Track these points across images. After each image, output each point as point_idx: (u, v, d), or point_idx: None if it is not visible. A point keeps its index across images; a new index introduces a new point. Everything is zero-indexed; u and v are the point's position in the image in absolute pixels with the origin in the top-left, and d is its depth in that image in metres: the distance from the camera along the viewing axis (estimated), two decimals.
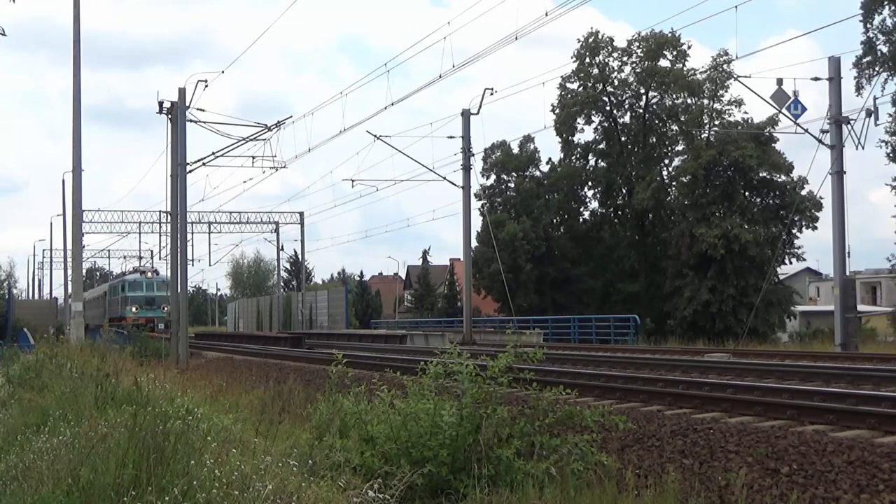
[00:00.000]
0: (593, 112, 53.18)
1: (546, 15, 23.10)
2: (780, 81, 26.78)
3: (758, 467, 7.79)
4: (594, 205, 56.77)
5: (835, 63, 26.90)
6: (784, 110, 27.79)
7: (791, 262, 48.78)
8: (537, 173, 56.18)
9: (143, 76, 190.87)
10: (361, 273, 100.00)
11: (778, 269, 46.85)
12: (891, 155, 38.01)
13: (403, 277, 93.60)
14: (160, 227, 54.61)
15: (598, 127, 54.19)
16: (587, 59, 52.15)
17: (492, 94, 32.54)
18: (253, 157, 31.84)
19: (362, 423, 8.25)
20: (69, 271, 29.62)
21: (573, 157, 55.14)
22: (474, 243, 47.57)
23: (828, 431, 8.58)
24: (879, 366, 15.81)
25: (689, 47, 50.76)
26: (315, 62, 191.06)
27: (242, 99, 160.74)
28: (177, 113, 27.52)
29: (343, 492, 6.41)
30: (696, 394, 11.38)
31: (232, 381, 16.15)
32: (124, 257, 75.36)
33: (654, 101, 52.57)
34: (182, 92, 27.60)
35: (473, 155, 34.75)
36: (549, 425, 8.16)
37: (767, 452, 8.05)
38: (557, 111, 52.86)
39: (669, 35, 49.71)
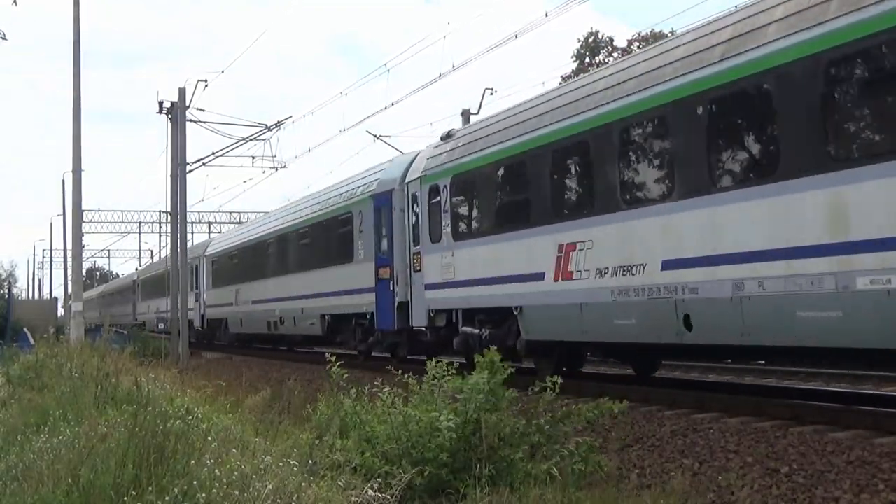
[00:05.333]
0: None
1: (546, 15, 23.09)
2: None
3: (758, 467, 7.79)
4: None
5: None
6: None
7: None
8: None
9: (132, 76, 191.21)
10: None
11: None
12: None
13: None
14: (160, 227, 54.61)
15: None
16: (587, 59, 52.15)
17: (492, 94, 32.55)
18: (253, 157, 31.92)
19: (363, 424, 8.25)
20: (69, 271, 29.60)
21: None
22: None
23: (828, 431, 8.58)
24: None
25: None
26: (310, 64, 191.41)
27: (236, 103, 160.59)
28: (177, 113, 27.53)
29: (343, 492, 6.41)
30: (696, 394, 11.38)
31: (232, 381, 16.14)
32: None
33: None
34: (182, 92, 27.62)
35: None
36: (547, 425, 8.15)
37: (767, 452, 8.05)
38: None
39: (670, 34, 49.76)
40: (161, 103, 28.00)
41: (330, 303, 20.93)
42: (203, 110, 28.54)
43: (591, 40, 52.17)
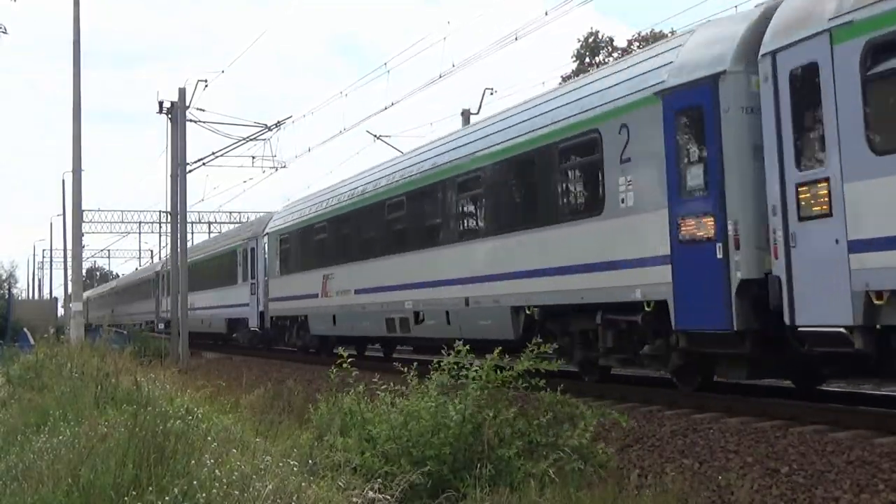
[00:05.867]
0: None
1: (546, 14, 23.04)
2: None
3: (758, 467, 7.79)
4: None
5: None
6: None
7: None
8: None
9: (132, 76, 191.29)
10: None
11: None
12: None
13: None
14: (160, 227, 54.65)
15: None
16: (587, 59, 52.16)
17: (492, 94, 32.53)
18: (253, 157, 31.99)
19: (363, 423, 8.25)
20: (69, 271, 29.62)
21: None
22: None
23: (828, 431, 8.58)
24: None
25: None
26: (310, 64, 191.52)
27: (236, 103, 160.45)
28: (177, 113, 27.53)
29: (343, 492, 6.42)
30: (696, 394, 11.36)
31: (232, 381, 16.16)
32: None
33: None
34: (182, 92, 27.63)
35: None
36: (548, 425, 8.17)
37: (767, 452, 8.05)
38: None
39: (670, 34, 49.74)
40: (161, 103, 28.02)
41: (539, 286, 12.75)
42: (203, 110, 28.60)
43: (591, 40, 52.20)
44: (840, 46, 8.31)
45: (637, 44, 51.29)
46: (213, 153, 30.43)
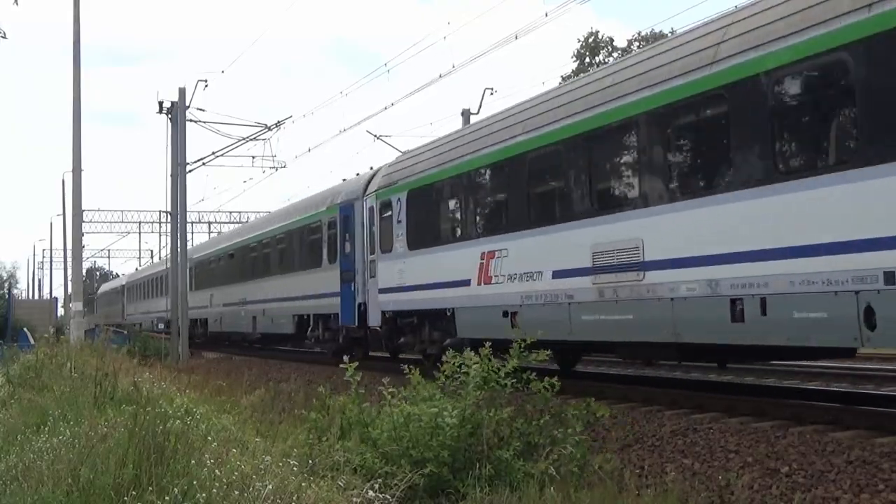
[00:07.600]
0: None
1: (546, 15, 23.06)
2: None
3: (758, 467, 7.79)
4: None
5: None
6: None
7: None
8: None
9: (132, 76, 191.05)
10: None
11: None
12: None
13: None
14: (160, 227, 54.63)
15: None
16: (587, 59, 52.17)
17: (492, 94, 32.55)
18: (253, 157, 32.04)
19: (363, 424, 8.24)
20: (69, 271, 29.62)
21: None
22: None
23: (828, 431, 8.58)
24: (879, 365, 15.82)
25: None
26: (310, 65, 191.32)
27: (236, 103, 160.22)
28: (177, 113, 27.53)
29: (343, 492, 6.41)
30: (696, 394, 11.37)
31: (232, 381, 16.15)
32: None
33: None
34: (182, 92, 27.64)
35: None
36: (546, 425, 8.16)
37: (767, 452, 8.05)
38: None
39: (670, 34, 49.72)
40: (161, 103, 28.03)
41: None
42: (203, 110, 28.58)
43: (591, 40, 52.20)
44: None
45: (637, 44, 51.36)
46: (213, 153, 30.49)
